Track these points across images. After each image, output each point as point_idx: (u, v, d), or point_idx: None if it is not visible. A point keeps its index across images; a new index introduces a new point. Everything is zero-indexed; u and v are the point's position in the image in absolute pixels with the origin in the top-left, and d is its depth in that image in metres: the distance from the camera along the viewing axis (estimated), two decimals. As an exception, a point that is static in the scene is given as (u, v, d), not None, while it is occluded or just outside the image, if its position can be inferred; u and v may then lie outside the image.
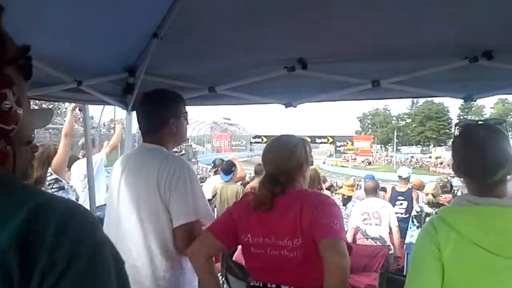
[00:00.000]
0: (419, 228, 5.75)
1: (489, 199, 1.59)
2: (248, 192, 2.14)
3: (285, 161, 2.03)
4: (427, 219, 5.66)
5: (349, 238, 5.76)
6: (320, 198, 1.95)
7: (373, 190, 6.40)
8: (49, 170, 4.26)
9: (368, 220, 6.00)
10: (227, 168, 7.16)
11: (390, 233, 6.00)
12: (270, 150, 2.10)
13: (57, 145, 4.47)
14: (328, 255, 1.77)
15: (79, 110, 4.27)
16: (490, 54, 2.54)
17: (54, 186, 4.22)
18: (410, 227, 5.95)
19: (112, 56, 2.98)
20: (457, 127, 1.80)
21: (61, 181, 4.29)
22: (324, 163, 67.94)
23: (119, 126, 6.29)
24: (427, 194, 5.87)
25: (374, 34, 2.61)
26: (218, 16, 2.63)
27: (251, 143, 69.61)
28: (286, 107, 3.10)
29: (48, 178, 4.20)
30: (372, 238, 5.94)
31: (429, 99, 77.26)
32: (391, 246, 5.94)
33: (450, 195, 6.22)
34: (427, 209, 5.78)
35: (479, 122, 1.77)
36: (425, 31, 2.53)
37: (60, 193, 4.19)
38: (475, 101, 2.73)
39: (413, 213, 6.00)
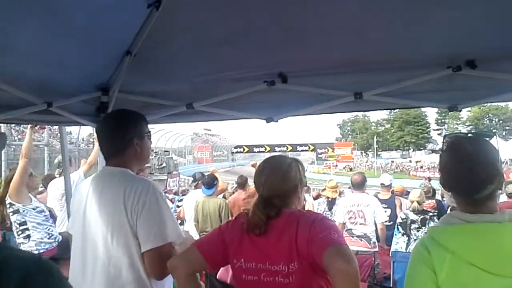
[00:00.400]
0: (405, 235, 5.75)
1: (482, 215, 1.53)
2: (241, 213, 2.01)
3: (279, 184, 1.93)
4: (412, 226, 5.67)
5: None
6: (314, 216, 1.85)
7: (360, 184, 6.32)
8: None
9: (354, 219, 6.00)
10: (209, 182, 7.07)
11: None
12: (263, 173, 1.99)
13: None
14: (333, 263, 1.59)
15: (40, 128, 4.30)
16: (473, 63, 2.50)
17: (9, 210, 4.31)
18: (395, 234, 5.94)
19: (84, 75, 2.86)
20: (444, 140, 1.74)
21: (14, 204, 4.31)
22: (306, 170, 67.98)
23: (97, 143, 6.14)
24: (412, 202, 5.86)
25: (355, 46, 2.55)
26: (193, 32, 2.54)
27: (232, 153, 69.48)
28: (267, 122, 3.01)
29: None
30: (358, 236, 5.90)
31: (407, 104, 78.62)
32: (377, 251, 5.93)
33: (433, 201, 6.23)
34: (412, 216, 5.77)
35: (468, 135, 1.70)
36: (407, 42, 2.48)
37: (15, 217, 4.31)
38: (460, 110, 2.68)
39: (398, 220, 5.99)
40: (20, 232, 4.34)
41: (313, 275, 1.74)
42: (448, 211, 6.41)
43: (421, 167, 66.43)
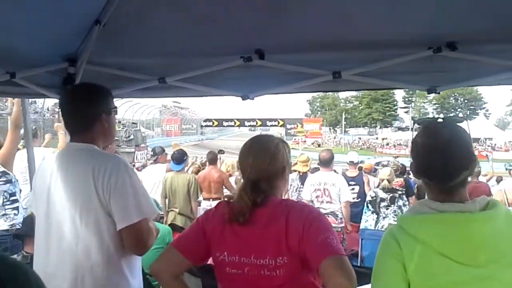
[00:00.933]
0: (374, 213, 5.82)
1: (452, 205, 1.50)
2: (221, 202, 1.91)
3: (267, 166, 1.83)
4: (382, 204, 5.74)
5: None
6: (306, 210, 1.75)
7: (328, 162, 6.33)
8: None
9: (320, 198, 6.05)
10: (179, 157, 6.96)
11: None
12: (249, 153, 1.88)
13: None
14: (332, 276, 1.54)
15: None
16: (454, 46, 2.47)
17: (1, 179, 4.17)
18: (365, 212, 6.02)
19: (50, 44, 2.69)
20: (416, 126, 1.70)
21: (8, 174, 4.21)
22: (275, 145, 68.65)
23: None
24: (382, 180, 5.91)
25: (335, 24, 2.49)
26: (168, 3, 2.42)
27: (201, 126, 69.10)
28: (243, 99, 2.92)
29: None
30: (325, 214, 5.95)
31: (376, 81, 79.60)
32: (343, 226, 6.01)
33: (402, 179, 6.31)
34: (382, 194, 5.85)
35: (439, 120, 1.67)
36: (387, 22, 2.43)
37: (7, 186, 4.18)
38: (439, 92, 2.66)
39: (368, 198, 6.07)
40: (9, 203, 4.18)
41: (303, 269, 1.69)
42: (415, 189, 6.55)
43: (387, 144, 67.65)
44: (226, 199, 1.89)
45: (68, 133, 2.15)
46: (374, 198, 5.87)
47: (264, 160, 1.84)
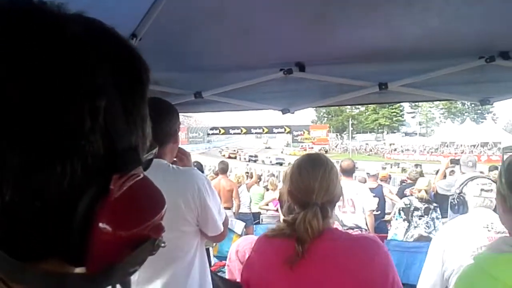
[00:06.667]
0: (405, 221, 5.62)
1: None
2: (260, 239, 1.70)
3: (334, 188, 1.63)
4: (415, 213, 5.54)
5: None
6: (369, 244, 1.56)
7: (350, 171, 6.16)
8: None
9: (343, 208, 5.81)
10: (200, 169, 6.92)
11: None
12: (316, 175, 1.61)
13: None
14: None
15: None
16: (507, 55, 2.36)
17: None
18: (396, 219, 5.80)
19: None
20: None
21: None
22: (282, 152, 68.65)
23: None
24: (419, 191, 5.72)
25: (381, 35, 2.38)
26: (204, 15, 2.32)
27: (208, 134, 69.01)
28: (283, 113, 2.81)
29: None
30: (350, 228, 5.78)
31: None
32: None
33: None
34: (416, 203, 5.63)
35: None
36: (437, 31, 2.31)
37: None
38: (492, 104, 2.53)
39: (400, 205, 5.86)
40: None
41: None
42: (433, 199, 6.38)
43: (395, 149, 67.45)
44: (269, 233, 1.68)
45: None
46: (408, 206, 5.66)
47: (332, 182, 1.63)
